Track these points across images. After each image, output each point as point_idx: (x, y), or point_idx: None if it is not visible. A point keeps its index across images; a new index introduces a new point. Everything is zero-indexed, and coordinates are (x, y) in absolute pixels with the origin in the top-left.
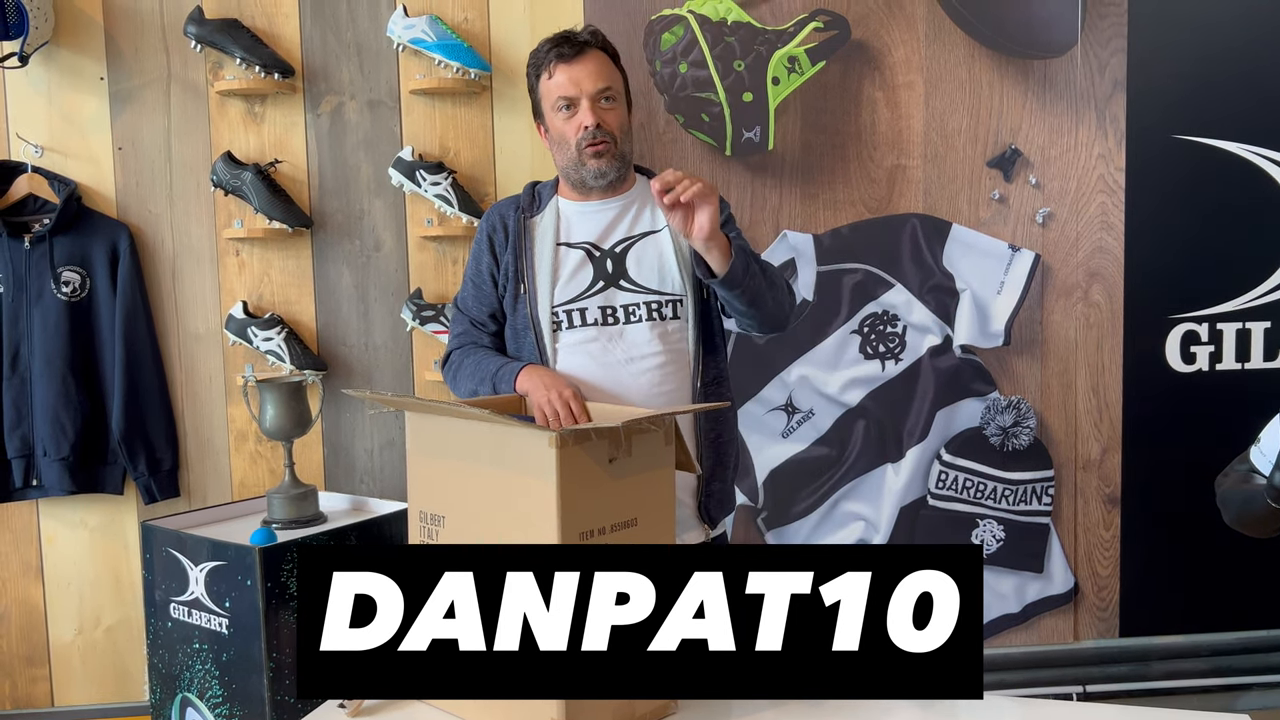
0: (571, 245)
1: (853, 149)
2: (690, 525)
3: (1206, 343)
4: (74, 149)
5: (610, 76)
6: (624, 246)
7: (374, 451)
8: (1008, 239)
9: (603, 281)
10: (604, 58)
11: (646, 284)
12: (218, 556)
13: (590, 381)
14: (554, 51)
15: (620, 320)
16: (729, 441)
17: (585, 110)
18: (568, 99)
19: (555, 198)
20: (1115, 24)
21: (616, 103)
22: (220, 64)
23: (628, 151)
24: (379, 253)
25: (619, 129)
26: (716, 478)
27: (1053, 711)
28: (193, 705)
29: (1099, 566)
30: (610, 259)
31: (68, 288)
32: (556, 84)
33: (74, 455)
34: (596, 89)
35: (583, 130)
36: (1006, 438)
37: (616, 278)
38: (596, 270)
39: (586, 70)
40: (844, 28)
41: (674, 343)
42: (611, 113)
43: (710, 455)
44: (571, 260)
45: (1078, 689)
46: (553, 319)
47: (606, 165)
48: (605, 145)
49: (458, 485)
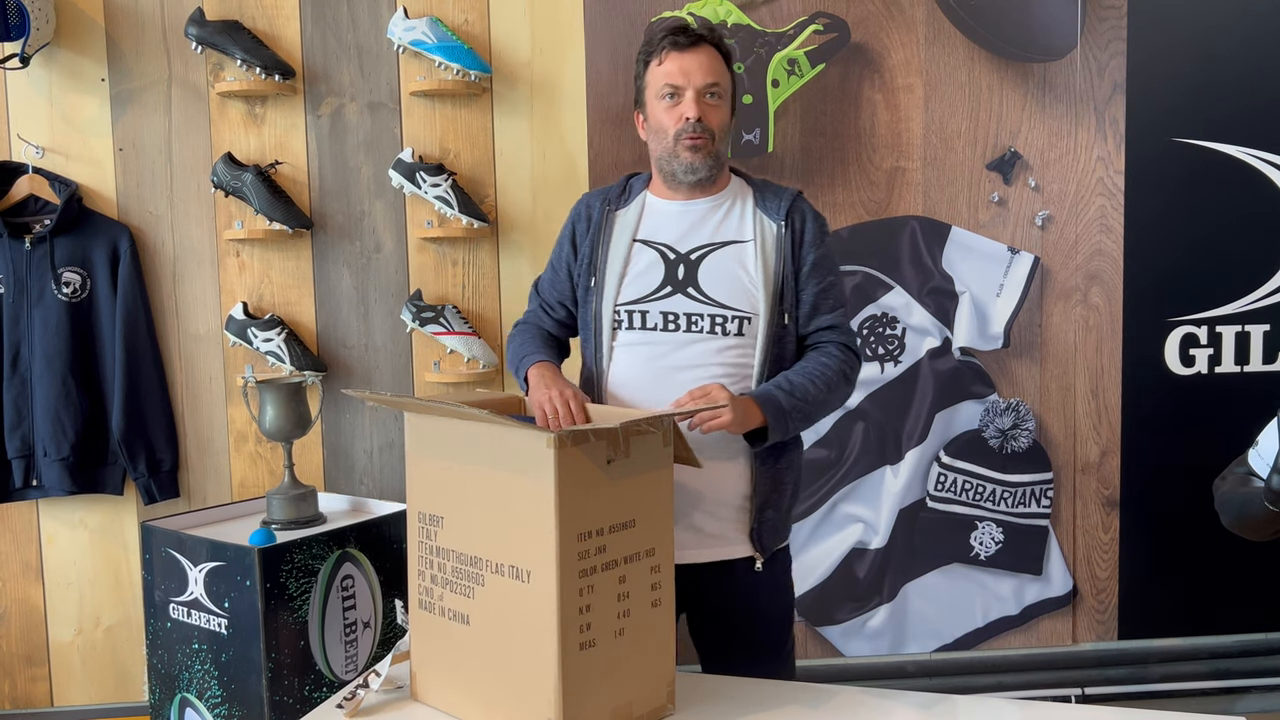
0: (648, 243)
1: (852, 151)
2: (735, 540)
3: (1205, 345)
4: (75, 150)
5: (720, 74)
6: (702, 253)
7: (373, 452)
8: (1007, 241)
9: (670, 286)
10: (716, 55)
11: (715, 296)
12: (217, 557)
13: (636, 387)
14: (669, 39)
15: (680, 328)
16: (787, 468)
17: (689, 102)
18: (674, 87)
19: (645, 192)
20: (1114, 27)
21: (721, 100)
22: (221, 65)
23: (723, 152)
24: (379, 254)
25: (719, 128)
26: (770, 505)
27: (1051, 714)
28: (192, 705)
29: (1098, 569)
30: (684, 264)
31: (68, 288)
32: (665, 71)
33: (74, 455)
34: (705, 83)
35: (683, 122)
36: (1005, 440)
37: (686, 284)
38: (667, 273)
39: (698, 62)
40: (843, 30)
41: (733, 360)
42: (715, 110)
43: (766, 481)
44: (643, 259)
45: (1076, 691)
46: (614, 317)
47: (700, 161)
48: (702, 140)
49: (456, 486)
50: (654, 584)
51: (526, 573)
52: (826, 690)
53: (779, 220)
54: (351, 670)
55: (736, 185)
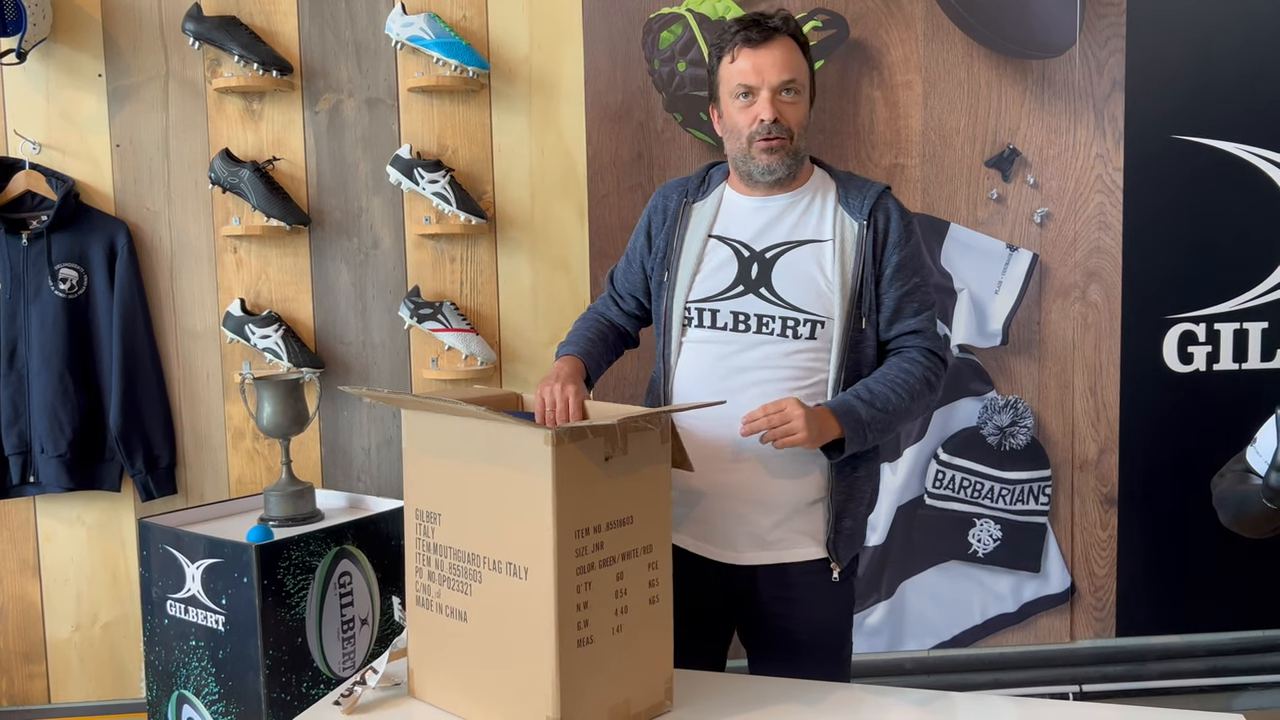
0: (724, 240)
1: (851, 148)
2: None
3: (1204, 343)
4: (72, 146)
5: (796, 68)
6: (777, 252)
7: (371, 449)
8: (1006, 239)
9: (742, 286)
10: (793, 46)
11: (788, 297)
12: (214, 554)
13: (702, 386)
14: (741, 34)
15: (751, 329)
16: (866, 477)
17: (764, 102)
18: (747, 87)
19: (724, 185)
20: (1114, 24)
21: (799, 96)
22: (218, 61)
23: (802, 148)
24: (377, 250)
25: (797, 125)
26: (848, 514)
27: (1049, 711)
28: (189, 702)
29: (1096, 566)
30: (758, 262)
31: (65, 285)
32: (738, 69)
33: (71, 452)
34: (780, 80)
35: (758, 123)
36: (1004, 437)
37: (758, 284)
38: (740, 272)
39: (772, 58)
40: (842, 27)
41: (804, 364)
42: (792, 107)
43: (842, 490)
44: (718, 256)
45: (1074, 689)
46: (684, 314)
47: (777, 162)
48: (779, 141)
49: (454, 483)
50: (651, 581)
51: (524, 569)
52: (824, 687)
53: (861, 219)
54: (349, 667)
55: (819, 179)
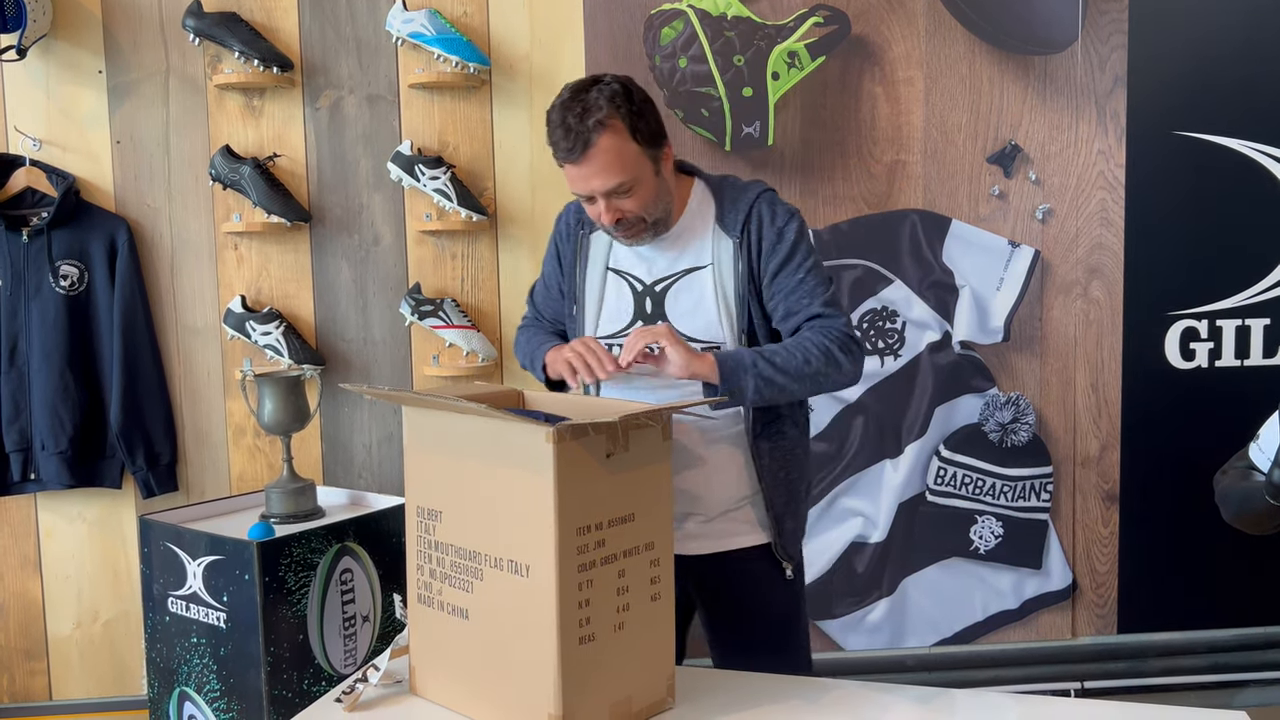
0: (620, 273)
1: (852, 144)
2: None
3: (1206, 339)
4: (72, 142)
5: (621, 167)
6: (666, 284)
7: (372, 446)
8: (1007, 235)
9: (641, 321)
10: (611, 145)
11: (681, 327)
12: (215, 551)
13: None
14: (560, 147)
15: None
16: (799, 478)
17: (602, 208)
18: (583, 195)
19: None
20: (1116, 20)
21: (638, 185)
22: (219, 58)
23: (663, 210)
24: (378, 247)
25: (644, 209)
26: (789, 515)
27: (1050, 708)
28: (190, 699)
29: (1097, 563)
30: (650, 297)
31: (66, 281)
32: (569, 178)
33: (72, 449)
34: (606, 189)
35: (604, 221)
36: (1005, 434)
37: (655, 318)
38: (637, 307)
39: (593, 170)
40: (844, 23)
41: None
42: (631, 199)
43: (781, 494)
44: (616, 291)
45: (1075, 685)
46: None
47: (638, 240)
48: (633, 229)
49: (455, 480)
50: (653, 578)
51: (525, 567)
52: (825, 684)
53: (735, 235)
54: (350, 664)
55: (698, 199)
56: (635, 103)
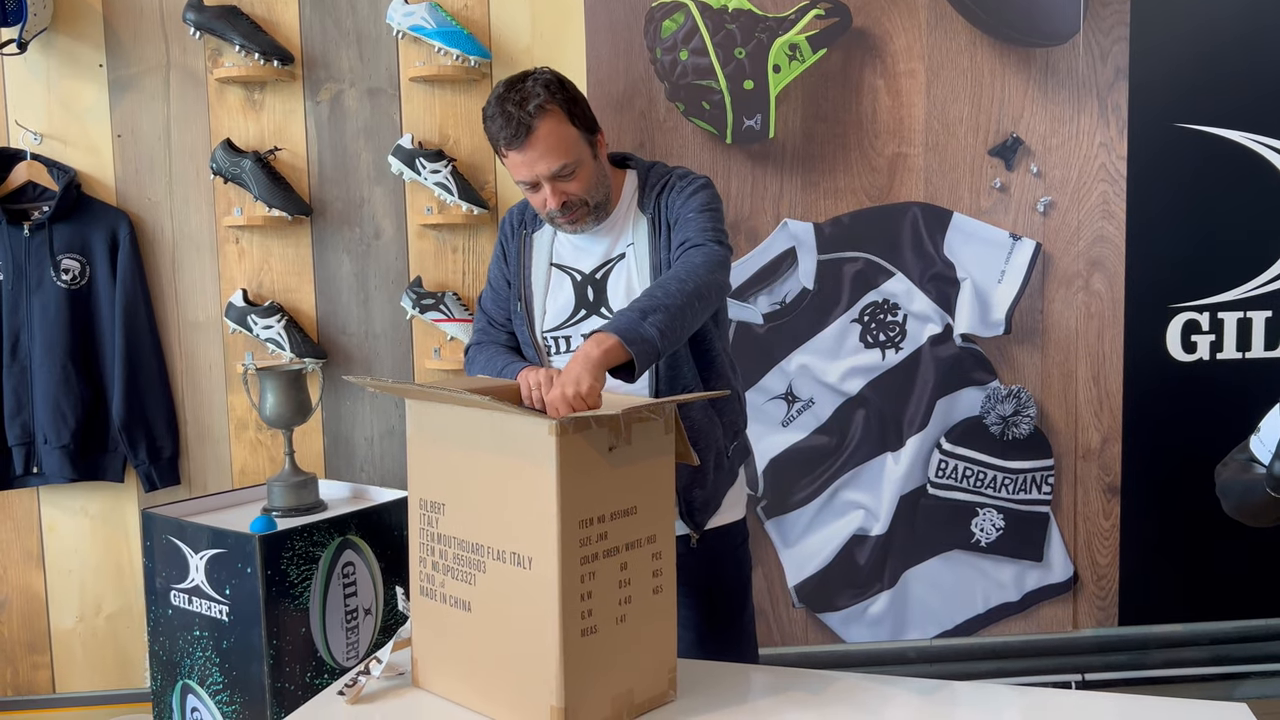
0: (562, 268)
1: (854, 137)
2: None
3: (1207, 332)
4: (73, 136)
5: (564, 149)
6: (604, 271)
7: (374, 439)
8: (1009, 228)
9: (584, 310)
10: (553, 129)
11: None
12: (218, 544)
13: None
14: (502, 135)
15: None
16: (706, 448)
17: (547, 192)
18: (527, 181)
19: None
20: (1118, 12)
21: (580, 168)
22: (219, 51)
23: (603, 194)
24: (379, 241)
25: (586, 191)
26: (696, 485)
27: (1051, 700)
28: (193, 692)
29: (1098, 555)
30: (591, 285)
31: (67, 275)
32: (513, 165)
33: (74, 443)
34: (551, 171)
35: (548, 208)
36: (1007, 427)
37: (597, 305)
38: (578, 297)
39: (537, 153)
40: (845, 15)
41: (664, 373)
42: (575, 181)
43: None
44: (559, 284)
45: (1077, 678)
46: (544, 344)
47: (581, 225)
48: (576, 213)
49: (457, 473)
50: (655, 571)
51: (528, 559)
52: (827, 676)
53: (649, 213)
54: (353, 657)
55: (630, 189)
56: (569, 90)
